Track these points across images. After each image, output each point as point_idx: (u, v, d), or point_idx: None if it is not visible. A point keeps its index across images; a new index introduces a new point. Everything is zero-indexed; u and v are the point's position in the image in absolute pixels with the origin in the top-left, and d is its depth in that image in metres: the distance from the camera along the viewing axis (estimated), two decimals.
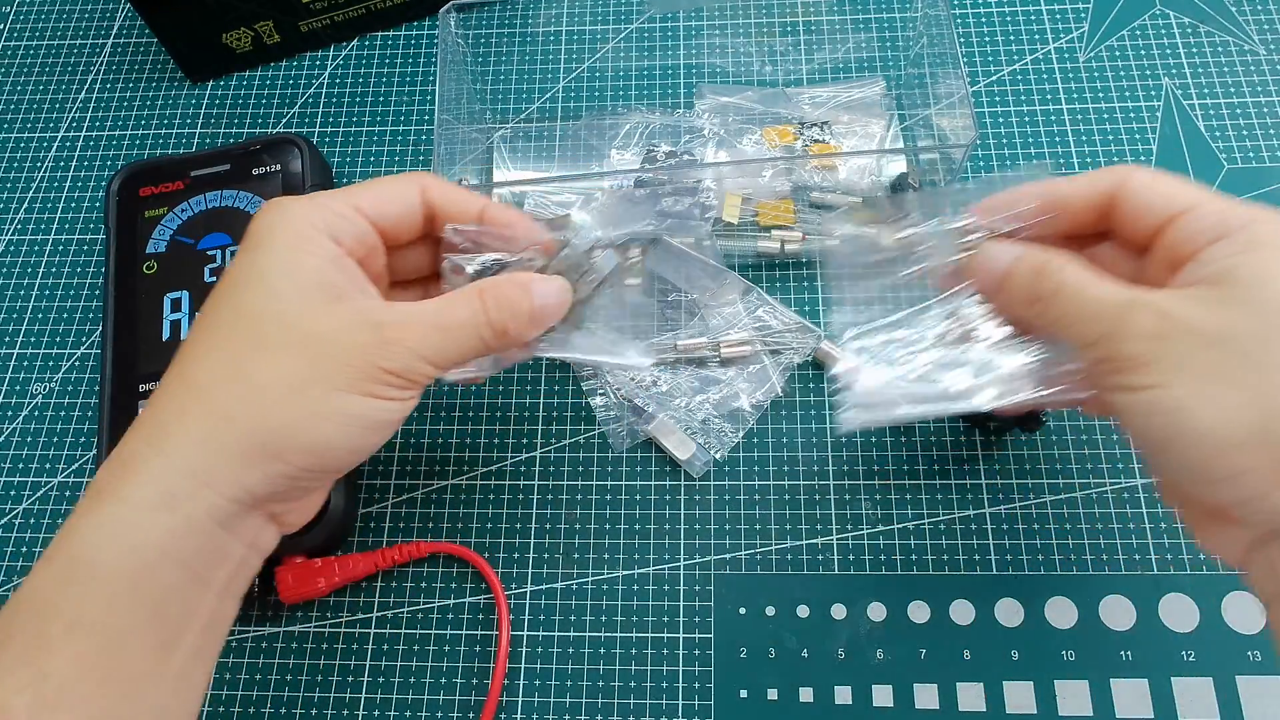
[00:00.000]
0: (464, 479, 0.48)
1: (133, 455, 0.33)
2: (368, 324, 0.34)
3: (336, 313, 0.34)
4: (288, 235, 0.35)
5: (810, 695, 0.43)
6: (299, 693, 0.45)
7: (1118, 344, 0.31)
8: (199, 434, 0.32)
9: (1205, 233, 0.32)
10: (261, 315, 0.34)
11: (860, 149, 0.53)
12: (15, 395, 0.52)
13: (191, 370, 0.34)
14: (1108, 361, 0.32)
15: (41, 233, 0.57)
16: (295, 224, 0.35)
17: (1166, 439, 0.31)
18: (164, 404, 0.33)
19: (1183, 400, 0.30)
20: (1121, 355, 0.31)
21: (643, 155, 0.54)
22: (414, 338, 0.35)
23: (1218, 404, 0.29)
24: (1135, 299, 0.32)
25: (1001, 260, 0.36)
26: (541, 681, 0.44)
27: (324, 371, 0.33)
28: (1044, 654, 0.43)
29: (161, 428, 0.33)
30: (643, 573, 0.46)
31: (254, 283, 0.34)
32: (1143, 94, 0.55)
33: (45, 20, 0.64)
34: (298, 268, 0.35)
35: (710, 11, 0.59)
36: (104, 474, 0.33)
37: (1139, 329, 0.31)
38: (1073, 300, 0.33)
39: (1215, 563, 0.44)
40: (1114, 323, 0.32)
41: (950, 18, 0.48)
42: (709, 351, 0.49)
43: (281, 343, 0.33)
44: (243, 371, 0.33)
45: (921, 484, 0.47)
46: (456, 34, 0.51)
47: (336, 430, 0.34)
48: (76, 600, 0.30)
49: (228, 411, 0.33)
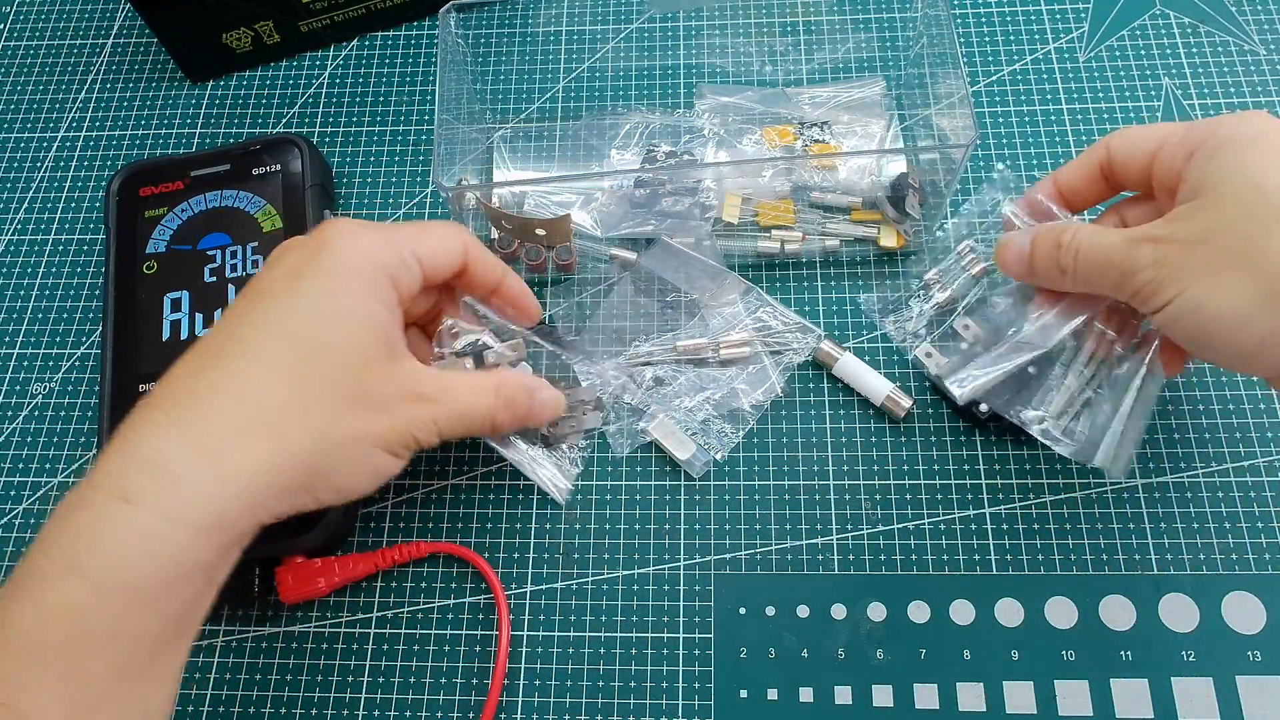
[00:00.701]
0: (464, 479, 0.48)
1: (175, 464, 0.32)
2: (415, 395, 0.38)
3: (395, 375, 0.37)
4: (364, 278, 0.37)
5: (810, 695, 0.43)
6: (299, 693, 0.45)
7: (1133, 279, 0.36)
8: (263, 465, 0.33)
9: (1178, 157, 0.37)
10: (339, 363, 0.36)
11: (860, 149, 0.53)
12: (15, 395, 0.52)
13: (259, 390, 0.34)
14: (1135, 296, 0.36)
15: (41, 233, 0.57)
16: (371, 265, 0.37)
17: (1201, 336, 0.35)
18: (219, 411, 0.33)
19: (1197, 299, 0.34)
20: (1139, 286, 0.36)
21: (643, 155, 0.54)
22: (442, 418, 0.39)
23: (1224, 290, 0.34)
24: (1133, 236, 0.36)
25: (1022, 244, 0.40)
26: (541, 681, 0.44)
27: (376, 431, 0.36)
28: (1044, 654, 0.43)
29: (219, 444, 0.33)
30: (643, 573, 0.46)
31: (335, 324, 0.36)
32: (1143, 94, 0.55)
33: (45, 20, 0.64)
34: (374, 320, 0.37)
35: (710, 11, 0.59)
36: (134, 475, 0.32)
37: (1142, 260, 0.35)
38: (1090, 259, 0.38)
39: (1215, 562, 0.44)
40: (1125, 264, 0.36)
41: (950, 18, 0.48)
42: (709, 351, 0.49)
43: (350, 395, 0.36)
44: (316, 416, 0.35)
45: (921, 484, 0.47)
46: (456, 34, 0.51)
47: (365, 480, 0.37)
48: (118, 614, 0.31)
49: (293, 449, 0.34)
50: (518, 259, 0.52)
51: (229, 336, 0.35)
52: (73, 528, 0.31)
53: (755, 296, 0.50)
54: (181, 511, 0.32)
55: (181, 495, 0.32)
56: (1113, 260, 0.36)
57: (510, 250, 0.51)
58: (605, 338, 0.50)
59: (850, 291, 0.51)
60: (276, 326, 0.35)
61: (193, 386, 0.34)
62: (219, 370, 0.34)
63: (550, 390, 0.44)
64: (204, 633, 0.46)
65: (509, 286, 0.44)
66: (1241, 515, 0.45)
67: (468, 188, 0.53)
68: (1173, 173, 0.37)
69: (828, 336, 0.49)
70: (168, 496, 0.32)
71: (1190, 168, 0.36)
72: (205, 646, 0.46)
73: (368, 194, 0.56)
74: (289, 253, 0.38)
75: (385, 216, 0.56)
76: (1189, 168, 0.36)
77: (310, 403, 0.35)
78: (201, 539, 0.32)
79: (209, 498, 0.32)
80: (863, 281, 0.51)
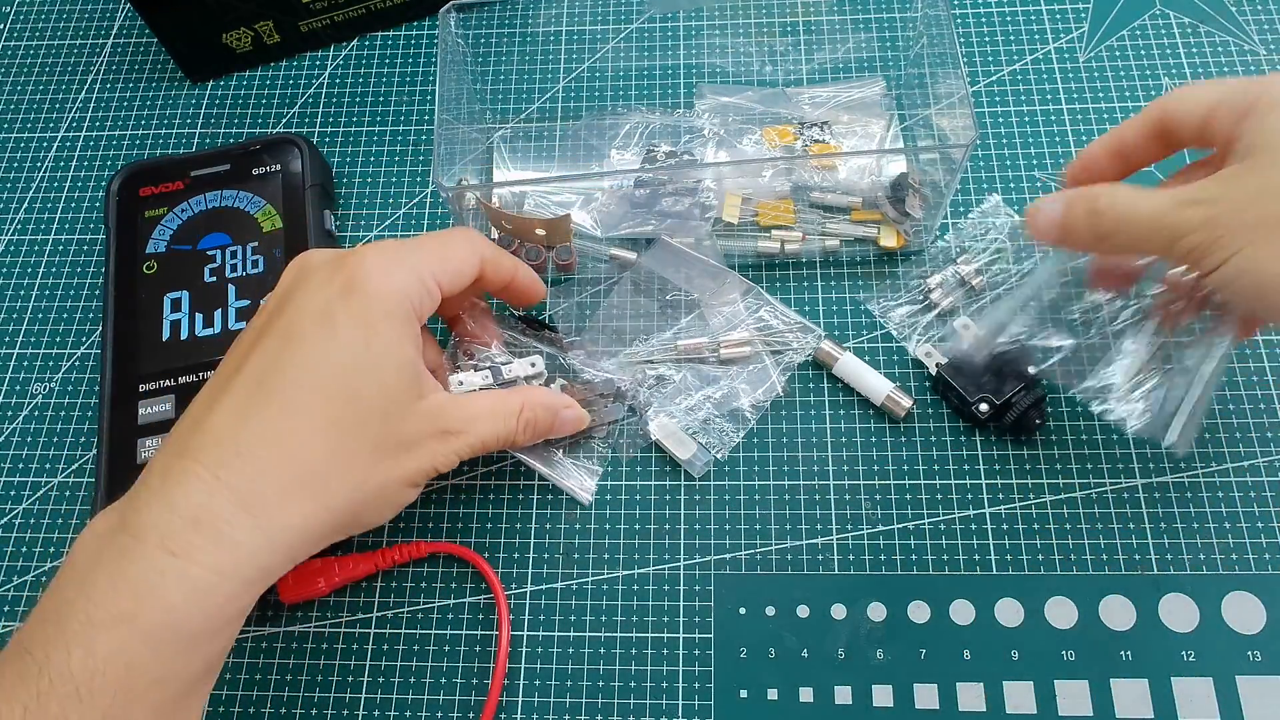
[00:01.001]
0: (464, 479, 0.48)
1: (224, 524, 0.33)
2: (439, 431, 0.39)
3: (423, 416, 0.38)
4: (396, 320, 0.37)
5: (810, 695, 0.43)
6: (299, 693, 0.45)
7: (1183, 241, 0.35)
8: (308, 522, 0.35)
9: (1232, 115, 0.35)
10: (373, 409, 0.36)
11: (860, 149, 0.53)
12: (15, 395, 0.52)
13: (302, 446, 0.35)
14: (1186, 258, 0.35)
15: (41, 233, 0.57)
16: (402, 305, 0.38)
17: (1258, 296, 0.34)
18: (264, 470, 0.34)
19: (1251, 259, 0.33)
20: (1190, 248, 0.34)
21: (643, 155, 0.53)
22: (465, 449, 0.40)
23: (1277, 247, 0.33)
24: (1180, 199, 0.35)
25: (1054, 209, 0.38)
26: (541, 681, 0.44)
27: (406, 472, 0.38)
28: (1044, 654, 0.43)
29: (265, 504, 0.34)
30: (643, 573, 0.46)
31: (369, 371, 0.36)
32: (1143, 94, 0.55)
33: (45, 20, 0.64)
34: (405, 362, 0.38)
35: (710, 11, 0.59)
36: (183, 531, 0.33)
37: (1191, 222, 0.34)
38: (1130, 225, 0.36)
39: (1215, 562, 0.44)
40: (1173, 226, 0.35)
41: (950, 18, 0.48)
42: (709, 351, 0.49)
43: (383, 442, 0.37)
44: (354, 469, 0.36)
45: (921, 484, 0.47)
46: (456, 34, 0.51)
47: (389, 514, 0.39)
48: (166, 661, 0.32)
49: (333, 504, 0.35)
50: (517, 259, 0.52)
51: (264, 381, 0.36)
52: (122, 579, 0.32)
53: (755, 296, 0.50)
54: (232, 568, 0.33)
55: (232, 554, 0.33)
56: (1160, 223, 0.35)
57: (510, 250, 0.51)
58: (605, 338, 0.50)
59: (850, 291, 0.51)
60: (311, 376, 0.36)
61: (235, 438, 0.34)
62: (259, 422, 0.35)
63: (574, 410, 0.45)
64: None
65: (521, 280, 0.45)
66: (1241, 515, 0.45)
67: (468, 188, 0.53)
68: (1225, 133, 0.36)
69: (828, 336, 0.49)
70: (218, 554, 0.33)
71: (1244, 127, 0.35)
72: None
73: (368, 194, 0.56)
74: (317, 285, 0.38)
75: (385, 217, 0.56)
76: (1243, 127, 0.35)
77: (349, 456, 0.36)
78: (247, 590, 0.34)
79: (255, 553, 0.34)
80: (863, 281, 0.51)
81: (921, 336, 0.49)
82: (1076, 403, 0.48)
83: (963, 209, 0.52)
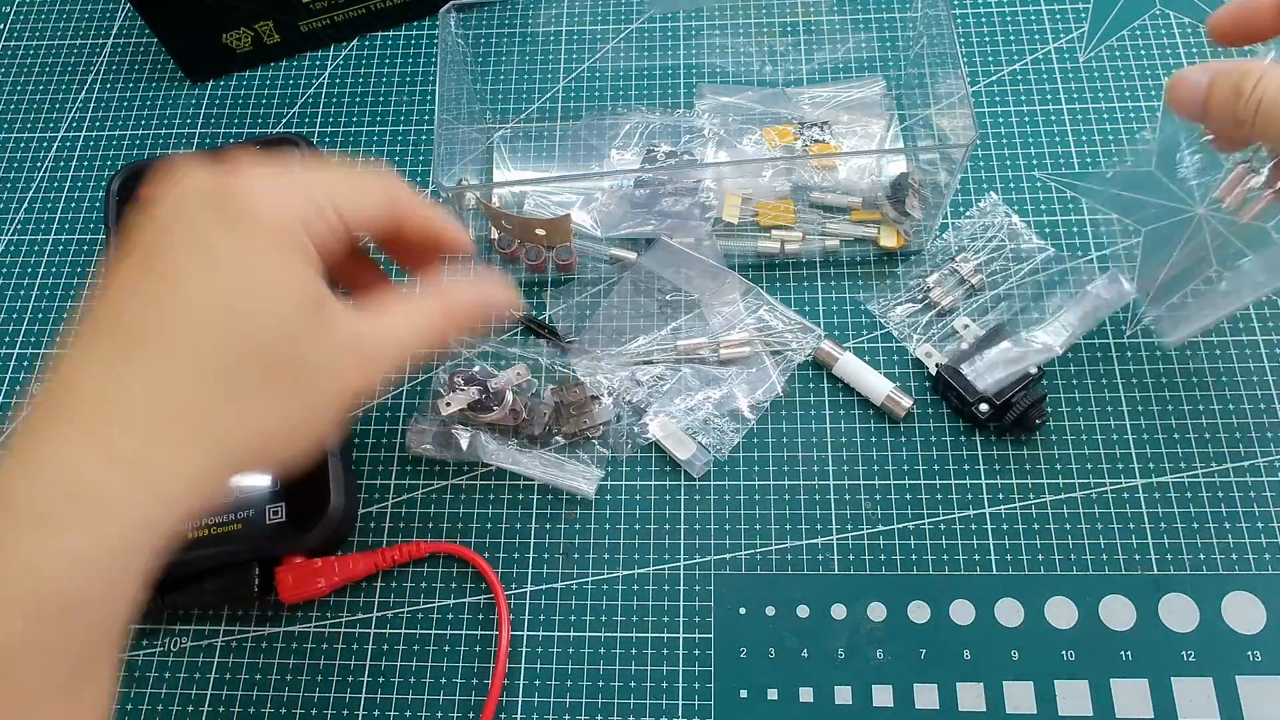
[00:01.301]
0: (464, 479, 0.48)
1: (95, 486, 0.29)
2: (350, 349, 0.34)
3: (324, 340, 0.33)
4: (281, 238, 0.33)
5: (810, 695, 0.43)
6: (299, 693, 0.45)
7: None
8: (198, 469, 0.31)
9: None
10: (266, 340, 0.32)
11: (860, 149, 0.53)
12: (15, 395, 0.52)
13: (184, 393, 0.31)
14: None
15: (41, 233, 0.57)
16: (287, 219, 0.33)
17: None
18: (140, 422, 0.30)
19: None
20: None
21: (643, 155, 0.53)
22: (388, 361, 0.35)
23: None
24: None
25: (1198, 81, 0.35)
26: (541, 681, 0.44)
27: (314, 405, 0.33)
28: (1044, 654, 0.43)
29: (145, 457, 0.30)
30: (643, 573, 0.46)
31: (256, 298, 0.32)
32: (1143, 94, 0.55)
33: (45, 20, 0.64)
34: (296, 281, 0.33)
35: (710, 11, 0.59)
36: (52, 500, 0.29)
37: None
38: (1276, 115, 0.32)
39: (1215, 562, 0.44)
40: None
41: (950, 18, 0.48)
42: (709, 351, 0.49)
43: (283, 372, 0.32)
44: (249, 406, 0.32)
45: (921, 484, 0.47)
46: (456, 34, 0.51)
47: (309, 445, 0.34)
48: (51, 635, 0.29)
49: (227, 445, 0.31)
50: (518, 259, 0.52)
51: (135, 326, 0.31)
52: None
53: (755, 296, 0.50)
54: (112, 531, 0.29)
55: (109, 516, 0.29)
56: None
57: (510, 250, 0.51)
58: (605, 338, 0.50)
59: (850, 291, 0.51)
60: (192, 317, 0.31)
61: (102, 391, 0.30)
62: (132, 371, 0.31)
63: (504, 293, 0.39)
64: (204, 633, 0.46)
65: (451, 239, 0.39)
66: (1241, 515, 0.45)
67: (468, 188, 0.53)
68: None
69: (828, 336, 0.49)
70: (94, 519, 0.29)
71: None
72: (205, 647, 0.46)
73: None
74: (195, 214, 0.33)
75: None
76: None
77: (241, 394, 0.31)
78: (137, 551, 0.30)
79: (138, 509, 0.29)
80: (863, 281, 0.51)
81: (921, 336, 0.49)
82: (1076, 403, 0.48)
83: (962, 209, 0.52)
